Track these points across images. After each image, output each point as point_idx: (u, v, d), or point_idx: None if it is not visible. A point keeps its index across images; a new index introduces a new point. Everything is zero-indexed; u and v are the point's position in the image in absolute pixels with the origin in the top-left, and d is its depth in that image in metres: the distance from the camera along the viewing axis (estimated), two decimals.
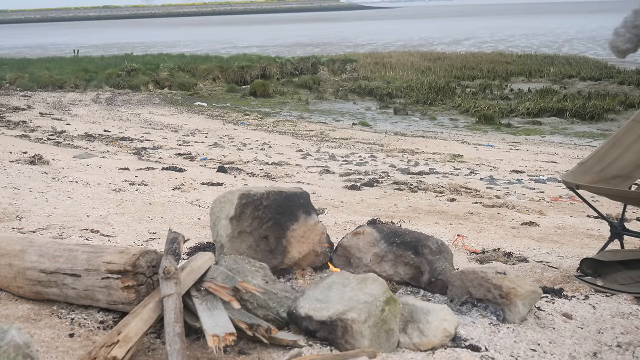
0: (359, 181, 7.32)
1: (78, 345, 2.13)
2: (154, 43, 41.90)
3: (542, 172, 9.09)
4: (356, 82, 21.91)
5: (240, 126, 14.41)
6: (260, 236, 2.86)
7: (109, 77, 20.75)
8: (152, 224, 4.14)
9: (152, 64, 22.71)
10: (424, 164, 9.55)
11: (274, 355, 2.13)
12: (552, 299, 2.86)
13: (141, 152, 9.23)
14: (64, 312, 2.38)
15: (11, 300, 2.49)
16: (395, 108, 18.02)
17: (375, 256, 2.87)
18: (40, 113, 14.32)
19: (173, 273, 2.10)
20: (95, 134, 11.23)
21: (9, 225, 3.81)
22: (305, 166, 8.81)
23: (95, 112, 15.44)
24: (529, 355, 2.25)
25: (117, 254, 2.29)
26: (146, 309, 2.06)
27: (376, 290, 2.23)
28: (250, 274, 2.44)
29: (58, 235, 3.63)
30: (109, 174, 6.41)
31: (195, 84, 21.27)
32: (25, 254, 2.46)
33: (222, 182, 6.41)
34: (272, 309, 2.34)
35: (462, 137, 14.03)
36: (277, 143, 11.67)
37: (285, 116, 17.02)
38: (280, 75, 22.68)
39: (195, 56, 26.11)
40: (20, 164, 6.55)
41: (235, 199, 2.88)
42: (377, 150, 11.26)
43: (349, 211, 5.20)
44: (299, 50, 31.91)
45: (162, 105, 17.73)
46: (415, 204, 5.79)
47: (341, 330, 2.14)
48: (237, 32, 57.60)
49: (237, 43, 39.78)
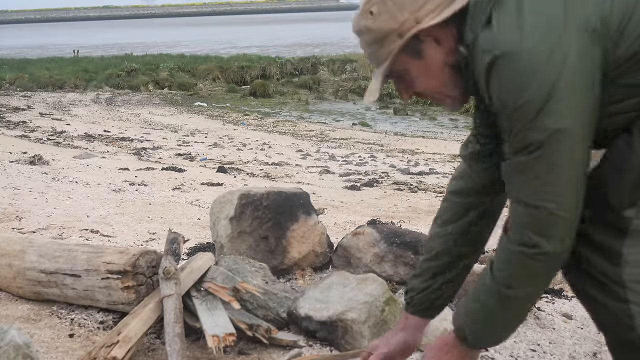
0: (359, 181, 7.32)
1: (78, 346, 2.13)
2: (154, 43, 41.89)
3: None
4: (356, 82, 21.89)
5: (240, 126, 14.41)
6: (260, 236, 2.86)
7: (109, 77, 20.73)
8: (152, 224, 4.14)
9: (152, 64, 22.68)
10: (424, 164, 9.55)
11: (274, 355, 2.13)
12: (552, 299, 2.86)
13: (141, 153, 9.23)
14: (63, 313, 2.38)
15: (11, 300, 2.49)
16: (395, 108, 18.02)
17: (375, 256, 2.87)
18: (40, 113, 14.32)
19: (173, 273, 2.11)
20: (95, 134, 11.23)
21: (9, 225, 3.81)
22: (305, 166, 8.81)
23: (95, 113, 15.44)
24: (529, 355, 2.25)
25: (117, 254, 2.29)
26: (146, 310, 2.06)
27: (376, 291, 2.23)
28: (250, 274, 2.45)
29: (58, 236, 3.62)
30: (108, 174, 6.41)
31: (195, 84, 21.25)
32: (25, 254, 2.46)
33: (222, 183, 6.41)
34: (272, 309, 2.34)
35: (462, 137, 14.03)
36: (277, 143, 11.67)
37: (285, 116, 17.01)
38: (280, 76, 22.66)
39: (195, 56, 26.08)
40: (20, 164, 6.55)
41: (235, 199, 2.88)
42: (377, 151, 11.26)
43: (349, 211, 5.20)
44: (299, 50, 31.89)
45: (162, 105, 17.73)
46: (415, 204, 5.79)
47: (341, 331, 2.15)
48: (237, 32, 57.61)
49: (237, 43, 39.77)
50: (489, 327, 1.44)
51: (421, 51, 1.36)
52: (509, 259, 1.34)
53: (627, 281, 1.28)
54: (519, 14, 1.22)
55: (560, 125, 1.20)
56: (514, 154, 1.27)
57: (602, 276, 1.32)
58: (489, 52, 1.24)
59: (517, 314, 1.42)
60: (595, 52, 1.21)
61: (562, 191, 1.25)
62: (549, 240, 1.26)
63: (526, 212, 1.28)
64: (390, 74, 1.41)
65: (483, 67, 1.26)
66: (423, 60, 1.37)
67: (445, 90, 1.41)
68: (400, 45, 1.34)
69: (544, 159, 1.23)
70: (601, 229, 1.31)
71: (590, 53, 1.21)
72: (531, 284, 1.35)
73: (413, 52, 1.36)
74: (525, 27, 1.21)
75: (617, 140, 1.29)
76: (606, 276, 1.31)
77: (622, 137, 1.28)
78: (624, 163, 1.26)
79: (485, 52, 1.25)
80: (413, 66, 1.38)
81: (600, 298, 1.34)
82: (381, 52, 1.37)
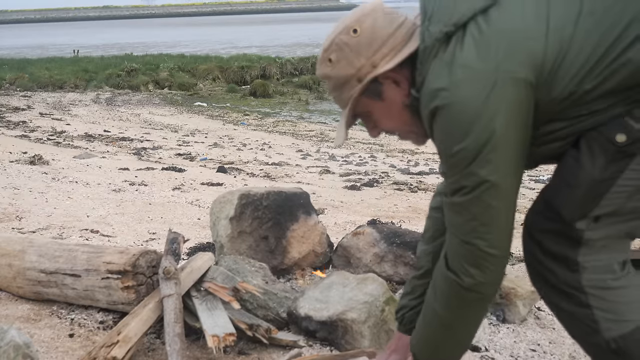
0: (359, 181, 7.32)
1: (78, 346, 2.13)
2: (154, 43, 41.88)
3: (542, 171, 9.09)
4: None
5: (240, 126, 14.41)
6: (260, 236, 2.86)
7: (109, 77, 20.73)
8: (152, 224, 4.14)
9: (152, 64, 22.68)
10: (424, 164, 9.56)
11: (274, 355, 2.13)
12: None
13: (141, 152, 9.23)
14: (63, 312, 2.38)
15: (11, 300, 2.49)
16: None
17: (375, 256, 2.87)
18: (40, 113, 14.32)
19: (173, 273, 2.10)
20: (95, 134, 11.23)
21: (9, 225, 3.81)
22: (305, 166, 8.81)
23: (95, 112, 15.44)
24: (529, 355, 2.25)
25: (117, 254, 2.29)
26: (146, 309, 2.06)
27: (376, 291, 2.23)
28: (250, 274, 2.45)
29: (58, 236, 3.62)
30: (108, 174, 6.41)
31: (195, 84, 21.25)
32: (25, 254, 2.46)
33: (222, 182, 6.41)
34: (272, 309, 2.34)
35: None
36: (277, 143, 11.67)
37: (285, 116, 17.01)
38: (280, 76, 22.65)
39: (195, 56, 26.07)
40: (20, 164, 6.55)
41: (235, 199, 2.88)
42: (377, 151, 11.27)
43: (349, 211, 5.20)
44: (299, 50, 31.87)
45: (162, 105, 17.73)
46: (415, 204, 5.79)
47: (341, 331, 2.15)
48: (237, 32, 57.59)
49: (237, 43, 39.75)
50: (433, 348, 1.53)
51: (381, 93, 1.41)
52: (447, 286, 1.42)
53: (587, 287, 1.34)
54: (450, 66, 1.26)
55: (490, 177, 1.28)
56: (451, 195, 1.35)
57: (564, 285, 1.37)
58: (429, 101, 1.30)
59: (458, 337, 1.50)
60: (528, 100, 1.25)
61: (493, 231, 1.33)
62: (482, 271, 1.36)
63: (461, 247, 1.37)
64: (355, 116, 1.49)
65: (426, 114, 1.32)
66: (384, 102, 1.42)
67: (408, 127, 1.46)
68: (360, 89, 1.40)
69: (476, 202, 1.31)
70: (558, 239, 1.36)
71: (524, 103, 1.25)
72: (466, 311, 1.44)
73: (373, 94, 1.42)
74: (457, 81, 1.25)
75: (565, 156, 1.33)
76: (567, 284, 1.36)
77: (570, 153, 1.32)
78: (572, 179, 1.31)
79: (426, 101, 1.31)
80: (375, 108, 1.45)
81: (565, 306, 1.39)
82: (343, 96, 1.45)
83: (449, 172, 1.34)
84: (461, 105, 1.24)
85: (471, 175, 1.28)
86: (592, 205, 1.30)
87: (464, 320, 1.46)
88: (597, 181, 1.27)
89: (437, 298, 1.46)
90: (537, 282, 1.45)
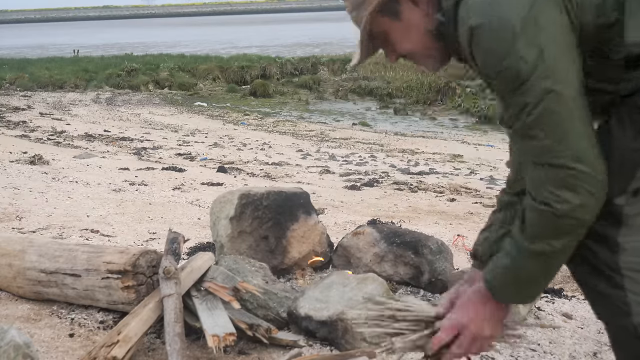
0: (359, 181, 7.32)
1: (78, 345, 2.13)
2: (154, 43, 41.87)
3: None
4: (356, 82, 21.89)
5: (240, 126, 14.41)
6: (260, 236, 2.86)
7: (109, 77, 20.74)
8: (152, 224, 4.14)
9: (152, 64, 22.68)
10: (424, 164, 9.55)
11: (274, 355, 2.13)
12: (552, 299, 2.86)
13: (141, 152, 9.23)
14: (64, 312, 2.38)
15: (11, 300, 2.49)
16: (395, 108, 18.02)
17: (375, 256, 2.87)
18: (40, 113, 14.32)
19: (173, 273, 2.11)
20: (95, 134, 11.23)
21: (9, 225, 3.81)
22: (305, 166, 8.81)
23: (95, 112, 15.44)
24: (529, 355, 2.25)
25: (117, 254, 2.29)
26: (146, 309, 2.06)
27: (376, 290, 2.24)
28: (250, 274, 2.45)
29: (58, 235, 3.63)
30: (109, 174, 6.41)
31: (195, 84, 21.25)
32: (25, 254, 2.46)
33: (222, 182, 6.41)
34: (272, 309, 2.34)
35: (462, 137, 14.04)
36: (277, 143, 11.67)
37: (285, 116, 17.01)
38: (280, 75, 22.65)
39: (195, 56, 26.07)
40: (20, 164, 6.55)
41: (235, 199, 2.88)
42: (377, 150, 11.26)
43: (349, 211, 5.20)
44: (299, 50, 31.86)
45: (162, 105, 17.73)
46: (415, 204, 5.79)
47: (341, 330, 2.14)
48: (237, 32, 57.56)
49: (237, 43, 39.74)
50: (517, 283, 1.41)
51: (399, 12, 1.39)
52: (538, 218, 1.31)
53: (624, 269, 1.30)
54: None
55: (554, 86, 1.21)
56: (516, 120, 1.28)
57: (604, 265, 1.33)
58: (466, 22, 1.26)
59: (545, 271, 1.39)
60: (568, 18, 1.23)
61: (570, 144, 1.24)
62: (576, 192, 1.25)
63: (544, 172, 1.27)
64: (372, 37, 1.44)
65: (465, 38, 1.28)
66: (402, 22, 1.40)
67: (428, 51, 1.43)
68: (375, 5, 1.37)
69: (544, 117, 1.23)
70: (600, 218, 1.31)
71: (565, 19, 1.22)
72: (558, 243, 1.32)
73: (390, 13, 1.39)
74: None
75: (599, 130, 1.30)
76: (606, 265, 1.32)
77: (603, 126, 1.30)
78: (606, 150, 1.27)
79: (464, 23, 1.27)
80: (393, 28, 1.41)
81: (600, 287, 1.35)
82: (360, 15, 1.41)
83: (504, 95, 1.27)
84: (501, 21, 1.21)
85: (532, 90, 1.22)
86: (629, 177, 1.26)
87: (552, 254, 1.34)
88: (630, 150, 1.25)
89: (526, 230, 1.34)
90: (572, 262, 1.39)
